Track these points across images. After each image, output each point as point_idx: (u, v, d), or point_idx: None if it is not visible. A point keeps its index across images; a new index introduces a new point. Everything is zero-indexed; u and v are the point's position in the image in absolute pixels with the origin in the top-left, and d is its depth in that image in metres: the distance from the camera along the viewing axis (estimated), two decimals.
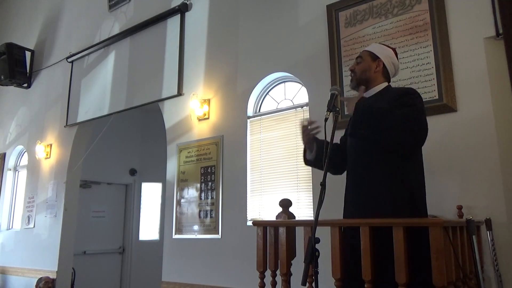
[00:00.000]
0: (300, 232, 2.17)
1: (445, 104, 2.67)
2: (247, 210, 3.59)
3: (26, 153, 6.25)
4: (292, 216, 2.47)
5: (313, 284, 1.70)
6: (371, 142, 1.92)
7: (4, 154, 6.50)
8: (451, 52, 2.72)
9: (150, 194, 6.95)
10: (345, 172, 2.18)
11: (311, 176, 3.25)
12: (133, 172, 6.88)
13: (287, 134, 3.55)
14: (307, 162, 2.32)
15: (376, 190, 1.92)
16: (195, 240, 3.88)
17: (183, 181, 4.10)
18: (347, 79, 3.00)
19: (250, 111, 3.81)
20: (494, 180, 2.47)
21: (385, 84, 2.12)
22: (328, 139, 1.85)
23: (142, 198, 6.93)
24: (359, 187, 2.00)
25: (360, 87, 2.11)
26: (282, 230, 2.17)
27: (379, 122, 1.83)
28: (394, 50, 2.21)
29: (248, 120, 3.79)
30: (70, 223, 5.26)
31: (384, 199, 1.88)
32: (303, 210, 3.30)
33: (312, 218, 1.79)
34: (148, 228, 6.85)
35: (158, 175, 5.91)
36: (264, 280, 2.20)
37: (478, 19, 2.66)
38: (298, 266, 2.01)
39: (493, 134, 2.51)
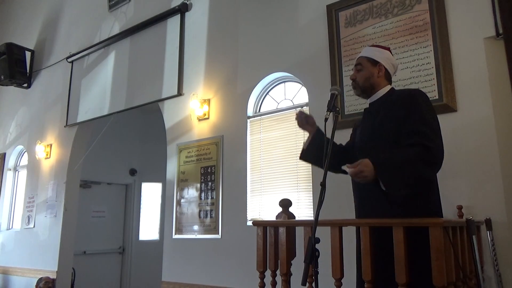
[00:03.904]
0: (300, 232, 2.16)
1: (445, 104, 2.67)
2: (247, 210, 3.59)
3: (26, 153, 6.25)
4: (292, 216, 2.48)
5: (313, 284, 1.70)
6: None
7: (4, 154, 6.50)
8: (451, 52, 2.72)
9: (150, 194, 6.96)
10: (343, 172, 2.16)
11: (311, 176, 3.25)
12: (133, 172, 6.89)
13: (287, 134, 3.55)
14: (301, 155, 2.29)
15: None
16: (195, 240, 3.88)
17: (183, 181, 4.10)
18: (347, 79, 3.00)
19: (250, 111, 3.80)
20: (494, 180, 2.46)
21: (388, 87, 2.10)
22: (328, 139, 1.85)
23: (142, 198, 6.94)
24: (371, 192, 1.91)
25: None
26: (282, 230, 2.17)
27: (403, 177, 1.75)
28: (388, 49, 2.19)
29: (248, 120, 3.79)
30: (70, 223, 5.26)
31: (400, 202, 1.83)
32: (303, 210, 3.30)
33: (312, 218, 1.79)
34: (148, 228, 6.85)
35: (158, 175, 5.91)
36: (264, 280, 2.20)
37: (478, 19, 2.66)
38: (298, 266, 2.00)
39: (493, 134, 2.51)
